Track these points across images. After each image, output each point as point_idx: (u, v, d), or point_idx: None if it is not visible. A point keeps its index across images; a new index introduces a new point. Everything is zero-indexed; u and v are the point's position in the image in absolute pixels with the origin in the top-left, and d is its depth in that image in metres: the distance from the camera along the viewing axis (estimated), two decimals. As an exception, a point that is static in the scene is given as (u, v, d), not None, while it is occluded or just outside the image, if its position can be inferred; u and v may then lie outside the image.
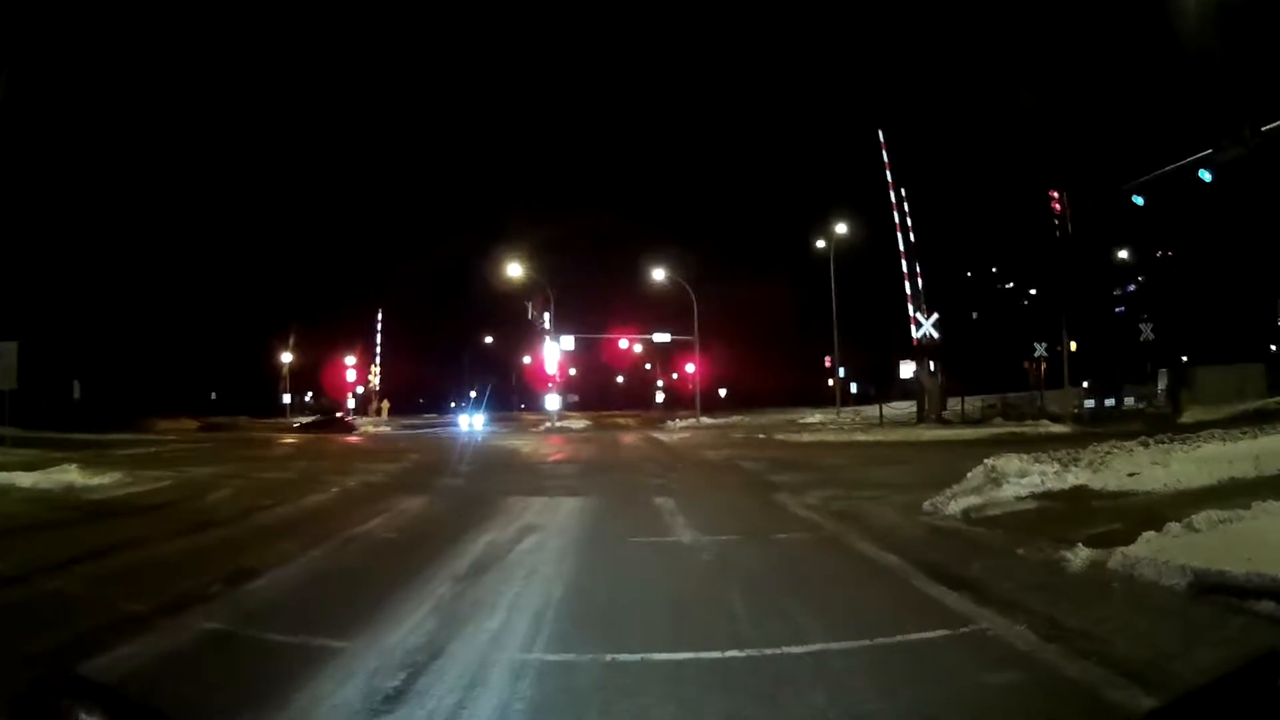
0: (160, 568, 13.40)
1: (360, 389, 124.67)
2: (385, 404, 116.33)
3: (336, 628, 9.24)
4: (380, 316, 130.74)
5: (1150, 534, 11.81)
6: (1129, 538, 11.84)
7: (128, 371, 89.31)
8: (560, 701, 7.18)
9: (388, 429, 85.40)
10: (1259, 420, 29.90)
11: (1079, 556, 11.67)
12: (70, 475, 25.55)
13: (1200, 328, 67.36)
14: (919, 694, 7.13)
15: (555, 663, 8.18)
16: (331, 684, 7.48)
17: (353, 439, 65.70)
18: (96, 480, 25.24)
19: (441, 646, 8.56)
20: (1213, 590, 9.48)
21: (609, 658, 8.19)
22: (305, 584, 12.13)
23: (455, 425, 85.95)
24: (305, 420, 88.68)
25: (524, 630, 9.24)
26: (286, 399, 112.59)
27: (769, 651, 8.30)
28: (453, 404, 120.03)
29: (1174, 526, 12.08)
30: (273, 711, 6.84)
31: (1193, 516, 12.28)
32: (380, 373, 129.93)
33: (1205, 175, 31.93)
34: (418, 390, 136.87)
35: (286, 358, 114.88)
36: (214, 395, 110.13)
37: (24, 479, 24.80)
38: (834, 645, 8.41)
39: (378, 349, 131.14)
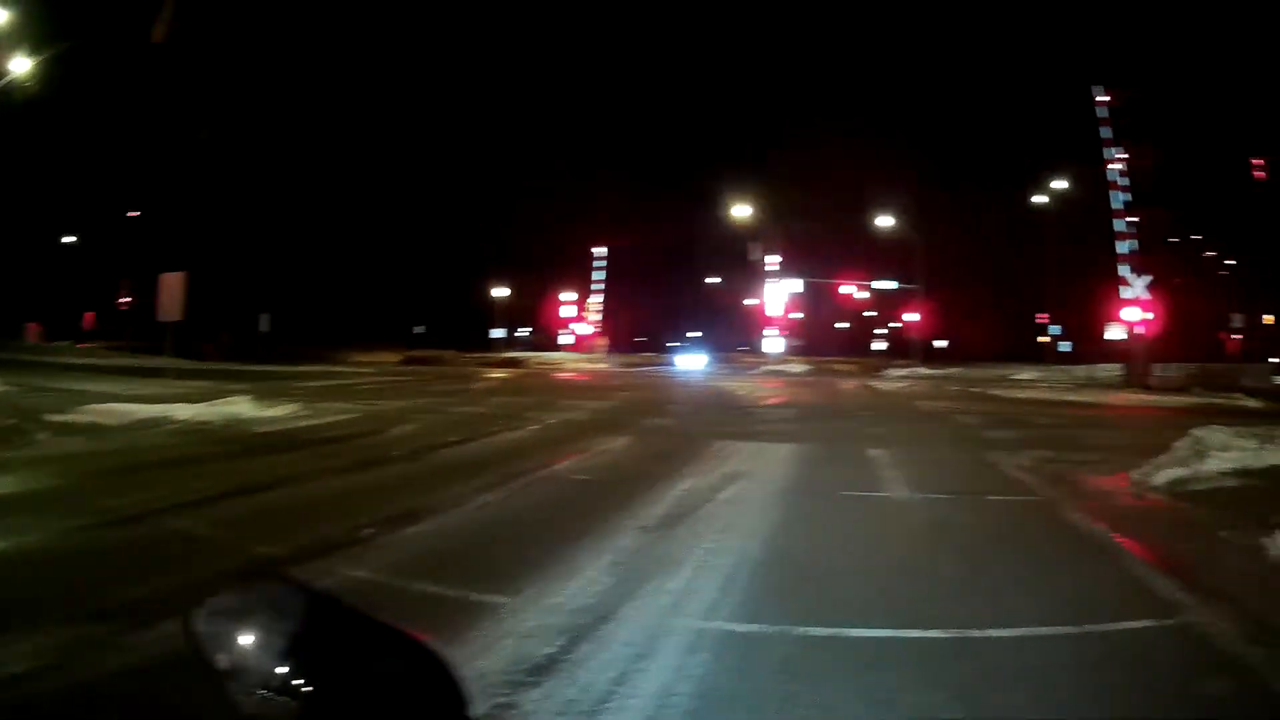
0: (313, 507, 13.13)
1: (578, 326, 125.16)
2: (604, 341, 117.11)
3: (498, 580, 8.87)
4: (603, 255, 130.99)
5: None
6: None
7: (327, 306, 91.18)
8: (734, 686, 6.61)
9: (604, 366, 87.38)
10: None
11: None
12: (237, 407, 25.14)
13: None
14: (1125, 699, 6.84)
15: (738, 634, 7.69)
16: (476, 648, 7.01)
17: (562, 375, 66.49)
18: (269, 413, 24.81)
19: (613, 608, 8.13)
20: None
21: (799, 631, 7.74)
22: (475, 529, 11.86)
23: (672, 364, 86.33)
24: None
25: (709, 593, 8.79)
26: (498, 333, 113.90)
27: (974, 634, 7.83)
28: (672, 343, 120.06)
29: None
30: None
31: None
32: (600, 310, 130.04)
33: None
34: (637, 329, 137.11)
35: (499, 292, 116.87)
36: (421, 329, 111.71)
37: (183, 411, 23.94)
38: (1041, 630, 8.10)
39: (598, 286, 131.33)
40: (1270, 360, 60.72)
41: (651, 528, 11.65)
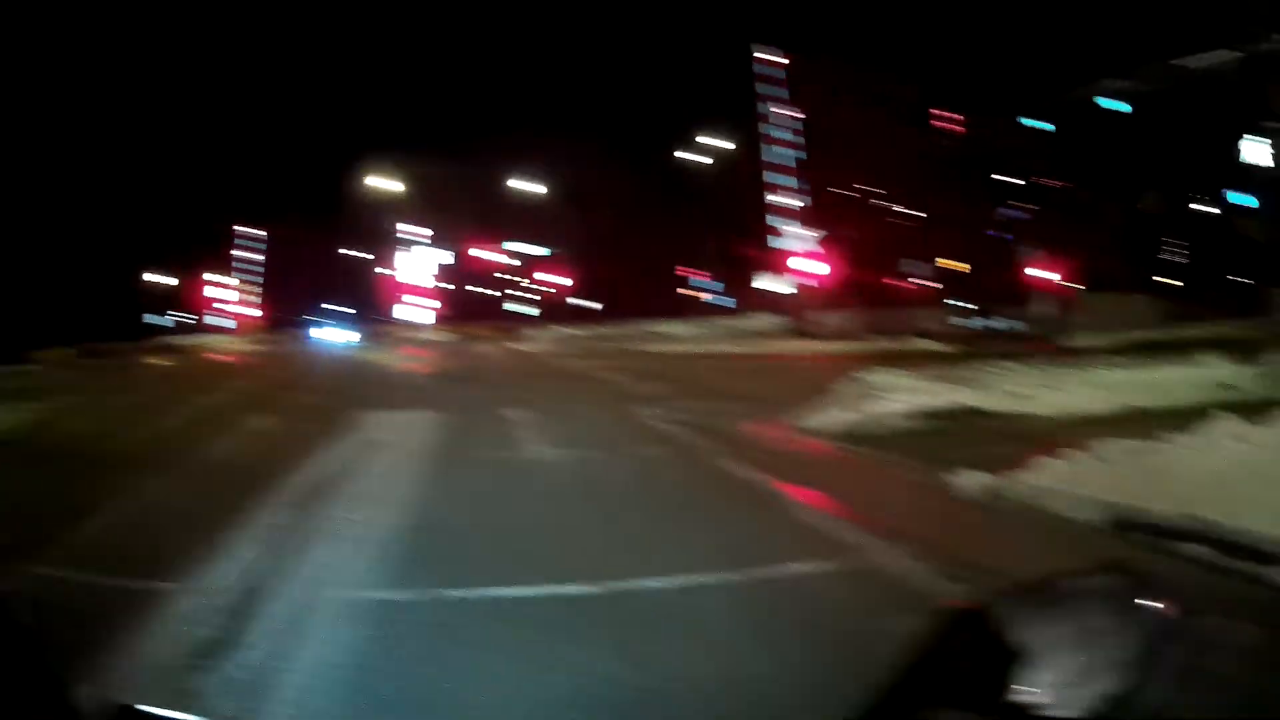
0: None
1: (237, 308, 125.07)
2: (262, 321, 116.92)
3: (160, 567, 8.39)
4: (259, 235, 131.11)
5: (1054, 462, 11.07)
6: (1026, 464, 11.11)
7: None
8: (391, 653, 6.35)
9: (262, 347, 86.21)
10: (1152, 351, 29.96)
11: (972, 482, 10.86)
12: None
13: (1090, 256, 67.83)
14: (805, 640, 6.29)
15: (391, 602, 7.51)
16: (144, 635, 6.66)
17: (223, 357, 66.57)
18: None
19: (270, 585, 7.84)
20: (1133, 529, 8.63)
21: (451, 594, 7.57)
22: (135, 519, 11.11)
23: (327, 340, 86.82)
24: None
25: (361, 563, 8.57)
26: (161, 320, 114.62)
27: (629, 585, 7.59)
28: (325, 319, 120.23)
29: (1079, 455, 11.23)
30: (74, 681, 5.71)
31: (1100, 446, 11.37)
32: (259, 292, 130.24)
33: (1117, 105, 31.62)
34: (294, 308, 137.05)
35: (159, 278, 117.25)
36: (88, 323, 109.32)
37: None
38: (702, 579, 7.67)
39: (256, 268, 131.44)
40: (947, 303, 62.59)
41: (302, 503, 11.32)
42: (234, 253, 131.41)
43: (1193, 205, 72.95)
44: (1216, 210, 73.97)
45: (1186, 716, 1.52)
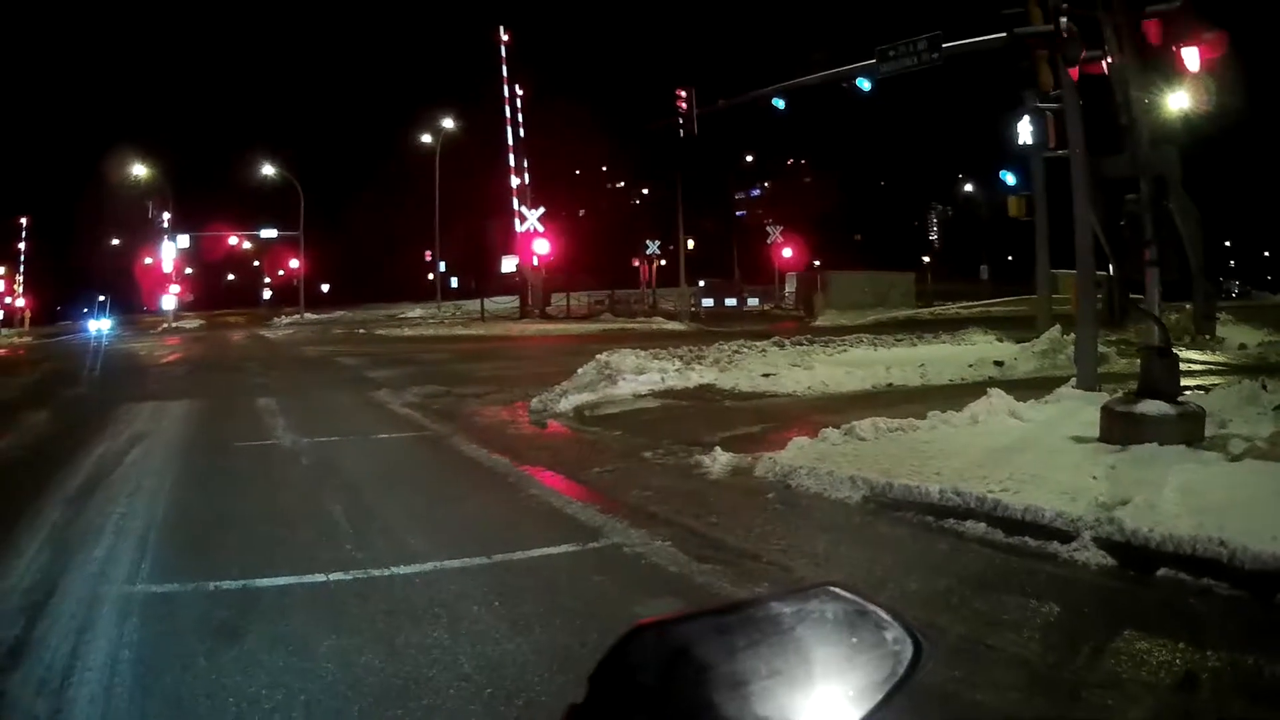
0: None
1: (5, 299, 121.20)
2: (25, 313, 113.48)
3: None
4: (25, 226, 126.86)
5: (804, 440, 11.12)
6: (776, 444, 11.18)
7: None
8: (166, 647, 6.30)
9: (27, 339, 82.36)
10: (909, 329, 30.36)
11: (718, 462, 10.86)
12: None
13: (845, 236, 69.14)
14: (560, 625, 6.23)
15: (159, 595, 7.46)
16: None
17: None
18: None
19: (55, 583, 7.73)
20: (894, 507, 8.68)
21: (212, 586, 7.54)
22: None
23: (85, 332, 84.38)
24: None
25: (130, 558, 8.45)
26: None
27: (378, 573, 7.64)
28: (84, 310, 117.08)
29: (833, 433, 11.37)
30: None
31: (856, 423, 11.51)
32: (21, 284, 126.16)
33: (864, 84, 31.82)
34: (58, 299, 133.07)
35: None
36: None
37: None
38: (450, 564, 7.71)
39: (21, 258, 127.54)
40: (701, 284, 63.07)
41: (73, 498, 11.06)
42: (18, 247, 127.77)
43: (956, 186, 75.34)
44: (972, 190, 76.37)
45: None
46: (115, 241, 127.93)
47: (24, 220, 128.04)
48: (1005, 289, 55.50)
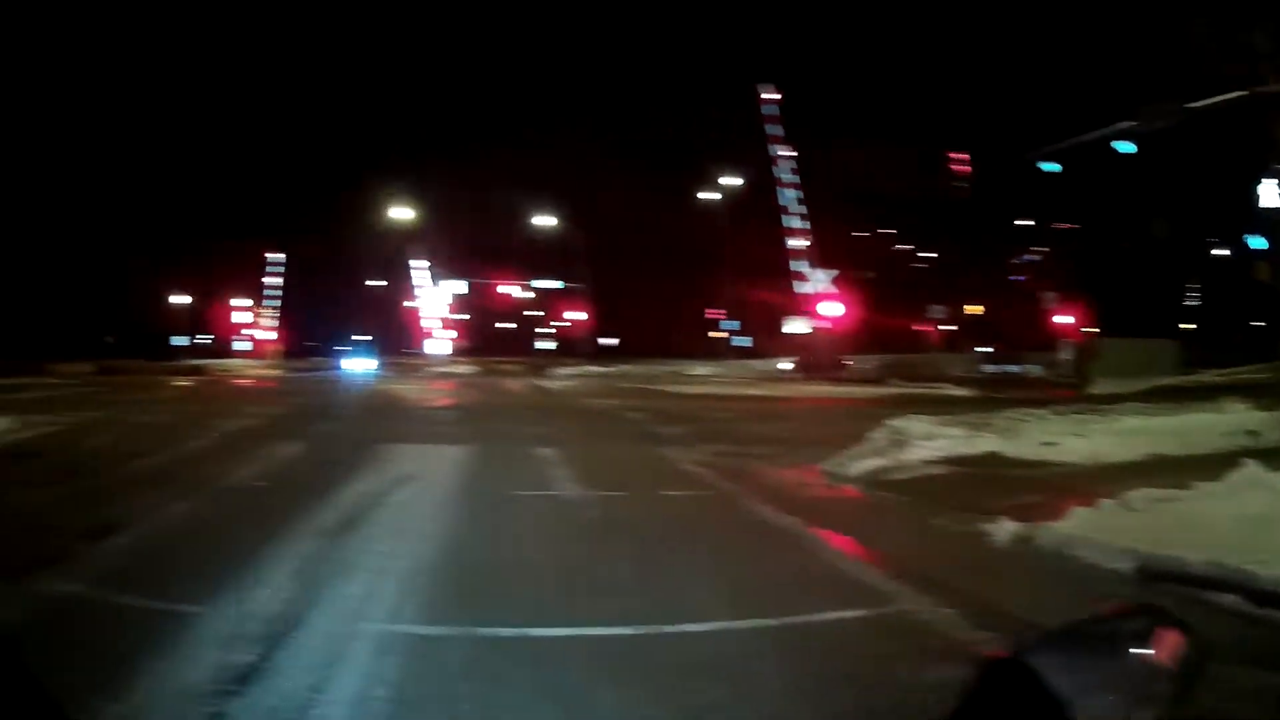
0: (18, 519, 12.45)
1: (255, 331, 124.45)
2: (279, 346, 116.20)
3: (194, 591, 8.46)
4: (278, 259, 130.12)
5: (1082, 510, 11.29)
6: (1056, 513, 11.36)
7: (19, 320, 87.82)
8: (427, 687, 6.43)
9: (280, 371, 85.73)
10: (1175, 397, 29.84)
11: (1003, 530, 11.06)
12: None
13: (1108, 301, 67.78)
14: (841, 688, 6.38)
15: (422, 637, 7.52)
16: (179, 658, 6.72)
17: (240, 381, 65.12)
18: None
19: (302, 615, 7.86)
20: (1162, 578, 8.78)
21: (484, 632, 7.56)
22: (169, 541, 11.31)
23: (342, 369, 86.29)
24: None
25: (391, 597, 8.59)
26: (181, 341, 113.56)
27: (665, 630, 7.62)
28: (342, 347, 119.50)
29: (1108, 503, 11.54)
30: (106, 700, 5.79)
31: (1128, 494, 11.67)
32: (276, 316, 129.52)
33: (1126, 147, 31.56)
34: (311, 334, 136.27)
35: (180, 299, 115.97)
36: (110, 339, 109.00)
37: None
38: (737, 624, 7.75)
39: (274, 292, 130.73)
40: (978, 350, 62.69)
41: (330, 533, 11.35)
42: (265, 280, 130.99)
43: (1209, 250, 73.17)
44: (1228, 253, 73.98)
45: None
46: (374, 282, 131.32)
47: (274, 255, 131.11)
48: (1256, 355, 53.87)
